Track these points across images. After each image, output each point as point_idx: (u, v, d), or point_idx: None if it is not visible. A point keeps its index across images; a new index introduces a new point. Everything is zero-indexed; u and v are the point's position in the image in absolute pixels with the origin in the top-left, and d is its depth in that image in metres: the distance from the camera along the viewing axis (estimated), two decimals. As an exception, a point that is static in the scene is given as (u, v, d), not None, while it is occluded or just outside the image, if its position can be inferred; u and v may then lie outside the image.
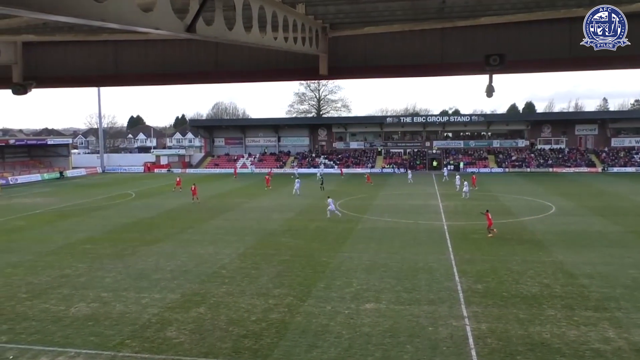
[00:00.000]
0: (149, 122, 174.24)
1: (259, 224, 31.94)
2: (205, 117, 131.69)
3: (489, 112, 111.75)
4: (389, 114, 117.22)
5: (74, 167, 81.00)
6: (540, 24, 11.52)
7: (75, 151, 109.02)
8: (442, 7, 10.91)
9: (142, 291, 18.54)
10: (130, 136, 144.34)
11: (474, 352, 13.15)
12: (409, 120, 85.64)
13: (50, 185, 63.22)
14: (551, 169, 73.00)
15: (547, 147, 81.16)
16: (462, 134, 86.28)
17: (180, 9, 7.54)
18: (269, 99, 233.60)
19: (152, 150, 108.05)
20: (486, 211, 28.37)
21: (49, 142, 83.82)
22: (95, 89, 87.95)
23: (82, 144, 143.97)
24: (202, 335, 14.55)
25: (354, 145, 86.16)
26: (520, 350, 13.24)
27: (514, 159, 77.19)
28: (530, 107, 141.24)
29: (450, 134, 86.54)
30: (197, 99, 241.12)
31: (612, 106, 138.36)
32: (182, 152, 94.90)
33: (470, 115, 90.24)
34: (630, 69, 17.25)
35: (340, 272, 20.64)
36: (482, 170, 73.08)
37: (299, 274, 20.50)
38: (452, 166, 73.49)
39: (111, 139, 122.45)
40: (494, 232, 27.16)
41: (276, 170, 76.53)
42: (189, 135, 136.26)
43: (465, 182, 44.94)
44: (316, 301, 17.16)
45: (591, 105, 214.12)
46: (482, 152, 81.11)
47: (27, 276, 20.75)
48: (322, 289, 18.50)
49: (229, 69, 13.39)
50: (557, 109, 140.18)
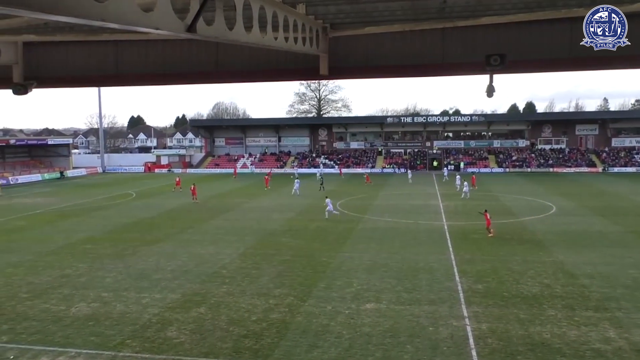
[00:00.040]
0: (150, 122, 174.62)
1: (259, 224, 31.96)
2: (205, 117, 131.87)
3: (489, 112, 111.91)
4: (389, 114, 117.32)
5: (74, 167, 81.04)
6: (540, 24, 11.52)
7: (75, 151, 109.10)
8: (443, 7, 10.92)
9: (143, 291, 18.55)
10: (130, 136, 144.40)
11: (474, 352, 13.15)
12: (409, 120, 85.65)
13: (50, 185, 63.25)
14: (552, 169, 72.97)
15: (547, 147, 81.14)
16: (462, 134, 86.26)
17: (180, 9, 7.55)
18: (270, 99, 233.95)
19: (152, 150, 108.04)
20: (484, 211, 28.36)
21: (49, 142, 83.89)
22: (95, 89, 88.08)
23: (82, 144, 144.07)
24: (202, 335, 14.55)
25: (354, 145, 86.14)
26: (520, 350, 13.24)
27: (514, 159, 77.17)
28: (530, 107, 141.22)
29: (450, 134, 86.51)
30: (198, 99, 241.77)
31: (613, 106, 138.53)
32: (182, 152, 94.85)
33: (470, 115, 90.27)
34: (630, 69, 17.24)
35: (340, 272, 20.65)
36: (482, 170, 73.08)
37: (300, 274, 20.50)
38: (453, 166, 73.49)
39: (112, 139, 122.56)
40: (488, 233, 27.10)
41: (277, 170, 76.57)
42: (190, 135, 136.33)
43: (465, 182, 44.93)
44: (317, 301, 17.17)
45: (592, 105, 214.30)
46: (482, 152, 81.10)
47: (28, 276, 20.76)
48: (323, 289, 18.51)
49: (229, 69, 13.39)
50: (557, 109, 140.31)
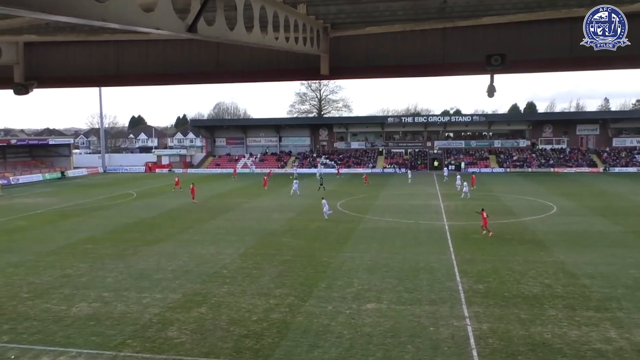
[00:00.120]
0: (150, 122, 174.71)
1: (259, 224, 31.97)
2: (206, 117, 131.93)
3: (490, 112, 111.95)
4: (390, 114, 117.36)
5: (75, 167, 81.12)
6: (541, 24, 11.51)
7: (76, 151, 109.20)
8: (443, 7, 10.91)
9: (144, 291, 18.56)
10: (131, 136, 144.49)
11: (475, 353, 13.15)
12: (410, 120, 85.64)
13: (51, 185, 63.30)
14: (552, 169, 72.94)
15: (548, 147, 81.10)
16: (463, 134, 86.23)
17: (181, 9, 7.54)
18: (270, 99, 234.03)
19: (153, 150, 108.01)
20: (481, 210, 28.26)
21: (50, 142, 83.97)
22: (96, 89, 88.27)
23: (83, 144, 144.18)
24: (203, 335, 14.56)
25: (355, 145, 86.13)
26: (521, 350, 13.23)
27: (515, 159, 77.14)
28: (531, 107, 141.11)
29: (451, 134, 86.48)
30: (199, 99, 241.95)
31: (614, 106, 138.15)
32: (183, 152, 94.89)
33: (471, 115, 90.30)
34: (630, 69, 17.23)
35: (341, 272, 20.65)
36: (483, 170, 73.07)
37: (300, 274, 20.51)
38: (454, 166, 73.48)
39: (112, 139, 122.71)
40: (487, 232, 27.07)
41: (277, 170, 76.61)
42: (190, 135, 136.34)
43: (465, 183, 44.89)
44: (317, 301, 17.17)
45: (592, 105, 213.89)
46: (483, 152, 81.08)
47: (29, 276, 20.78)
48: (324, 289, 18.51)
49: (230, 69, 13.39)
50: (558, 109, 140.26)
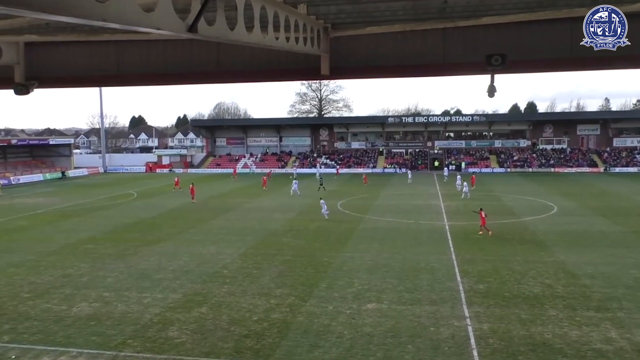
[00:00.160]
0: (151, 122, 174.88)
1: (260, 223, 31.97)
2: (207, 117, 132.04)
3: (490, 112, 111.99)
4: (390, 114, 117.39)
5: (75, 167, 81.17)
6: (541, 24, 11.50)
7: (77, 151, 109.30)
8: (444, 7, 10.91)
9: (144, 291, 18.57)
10: (132, 136, 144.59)
11: (475, 353, 13.14)
12: (410, 120, 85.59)
13: (52, 185, 63.34)
14: (553, 169, 72.90)
15: (549, 147, 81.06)
16: (463, 134, 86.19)
17: (181, 9, 7.55)
18: (271, 99, 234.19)
19: (153, 150, 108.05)
20: (480, 209, 28.23)
21: (51, 142, 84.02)
22: (97, 89, 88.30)
23: (84, 144, 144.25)
24: (203, 335, 14.56)
25: (355, 145, 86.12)
26: (522, 350, 13.23)
27: (515, 159, 77.12)
28: (532, 107, 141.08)
29: (452, 134, 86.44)
30: (199, 99, 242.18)
31: (614, 106, 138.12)
32: (183, 152, 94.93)
33: (472, 115, 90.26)
34: (630, 69, 17.23)
35: (342, 272, 20.65)
36: (483, 170, 73.04)
37: (301, 273, 20.51)
38: (454, 166, 73.45)
39: (113, 139, 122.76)
40: (488, 233, 27.07)
41: (278, 170, 76.60)
42: (191, 135, 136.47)
43: (464, 183, 44.87)
44: (318, 301, 17.17)
45: (593, 105, 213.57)
46: (483, 152, 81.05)
47: (29, 276, 20.80)
48: (324, 289, 18.51)
49: (230, 69, 13.39)
50: (559, 109, 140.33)
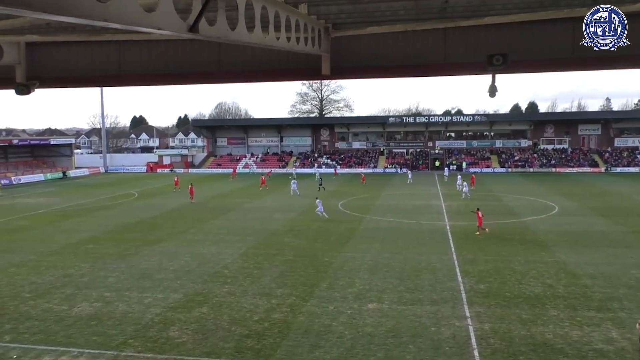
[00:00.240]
0: (152, 122, 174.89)
1: (261, 223, 31.97)
2: (207, 117, 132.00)
3: (491, 112, 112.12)
4: (391, 114, 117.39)
5: (76, 167, 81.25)
6: (542, 24, 11.51)
7: (78, 151, 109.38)
8: (445, 7, 10.91)
9: (145, 291, 18.58)
10: (133, 136, 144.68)
11: (476, 353, 13.13)
12: (411, 120, 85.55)
13: (53, 185, 63.38)
14: (554, 169, 72.83)
15: (550, 147, 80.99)
16: (464, 134, 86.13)
17: (182, 9, 7.56)
18: (272, 99, 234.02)
19: (154, 150, 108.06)
20: (477, 209, 28.19)
21: (51, 142, 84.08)
22: (98, 89, 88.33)
23: (85, 144, 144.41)
24: (204, 335, 14.56)
25: (356, 145, 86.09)
26: (522, 350, 13.21)
27: (516, 159, 77.07)
28: (533, 107, 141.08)
29: (452, 134, 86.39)
30: (200, 99, 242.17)
31: (616, 106, 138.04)
32: (184, 152, 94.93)
33: (472, 115, 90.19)
34: (630, 68, 17.24)
35: (342, 272, 20.64)
36: (484, 170, 72.99)
37: (302, 273, 20.50)
38: (455, 166, 73.41)
39: (114, 139, 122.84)
40: (485, 231, 27.07)
41: (278, 170, 76.60)
42: (192, 135, 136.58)
43: (464, 183, 44.85)
44: (319, 301, 17.17)
45: (594, 105, 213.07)
46: (484, 152, 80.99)
47: (30, 276, 20.81)
48: (325, 289, 18.51)
49: (231, 69, 13.41)
50: (560, 109, 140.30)
